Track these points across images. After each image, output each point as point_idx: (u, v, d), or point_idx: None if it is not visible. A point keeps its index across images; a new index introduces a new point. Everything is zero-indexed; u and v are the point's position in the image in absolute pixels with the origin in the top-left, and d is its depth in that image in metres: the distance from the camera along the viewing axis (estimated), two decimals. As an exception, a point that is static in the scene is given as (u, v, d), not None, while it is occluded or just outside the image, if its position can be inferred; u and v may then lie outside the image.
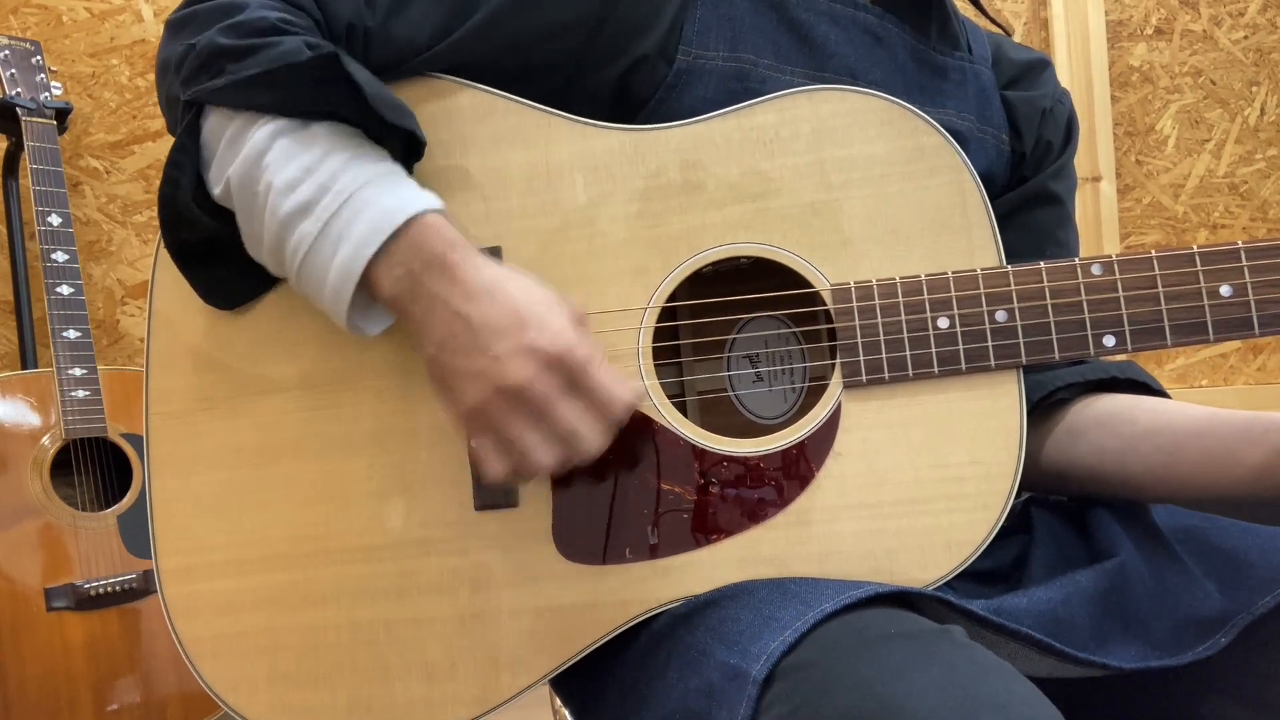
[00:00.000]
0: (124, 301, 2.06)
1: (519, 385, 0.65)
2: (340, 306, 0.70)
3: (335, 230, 0.69)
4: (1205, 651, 0.66)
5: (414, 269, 0.68)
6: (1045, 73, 0.95)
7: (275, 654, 0.76)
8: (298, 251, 0.70)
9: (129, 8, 2.05)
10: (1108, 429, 0.81)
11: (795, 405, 0.85)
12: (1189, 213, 2.24)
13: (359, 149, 0.72)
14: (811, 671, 0.57)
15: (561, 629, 0.73)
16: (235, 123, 0.73)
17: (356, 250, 0.68)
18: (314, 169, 0.70)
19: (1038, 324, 0.72)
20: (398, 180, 0.71)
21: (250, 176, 0.71)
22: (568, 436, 0.66)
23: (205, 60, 0.72)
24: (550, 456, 0.67)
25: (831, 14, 0.83)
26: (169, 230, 0.76)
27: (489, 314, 0.66)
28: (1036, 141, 0.91)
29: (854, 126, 0.75)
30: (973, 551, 0.71)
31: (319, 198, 0.69)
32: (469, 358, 0.66)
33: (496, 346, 0.65)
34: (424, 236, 0.68)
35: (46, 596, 1.62)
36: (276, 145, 0.71)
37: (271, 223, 0.70)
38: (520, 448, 0.67)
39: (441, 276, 0.68)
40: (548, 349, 0.65)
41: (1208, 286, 0.71)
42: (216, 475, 0.78)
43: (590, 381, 0.66)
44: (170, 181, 0.75)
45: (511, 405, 0.66)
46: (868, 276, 0.74)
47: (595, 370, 0.66)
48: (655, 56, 0.79)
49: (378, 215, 0.68)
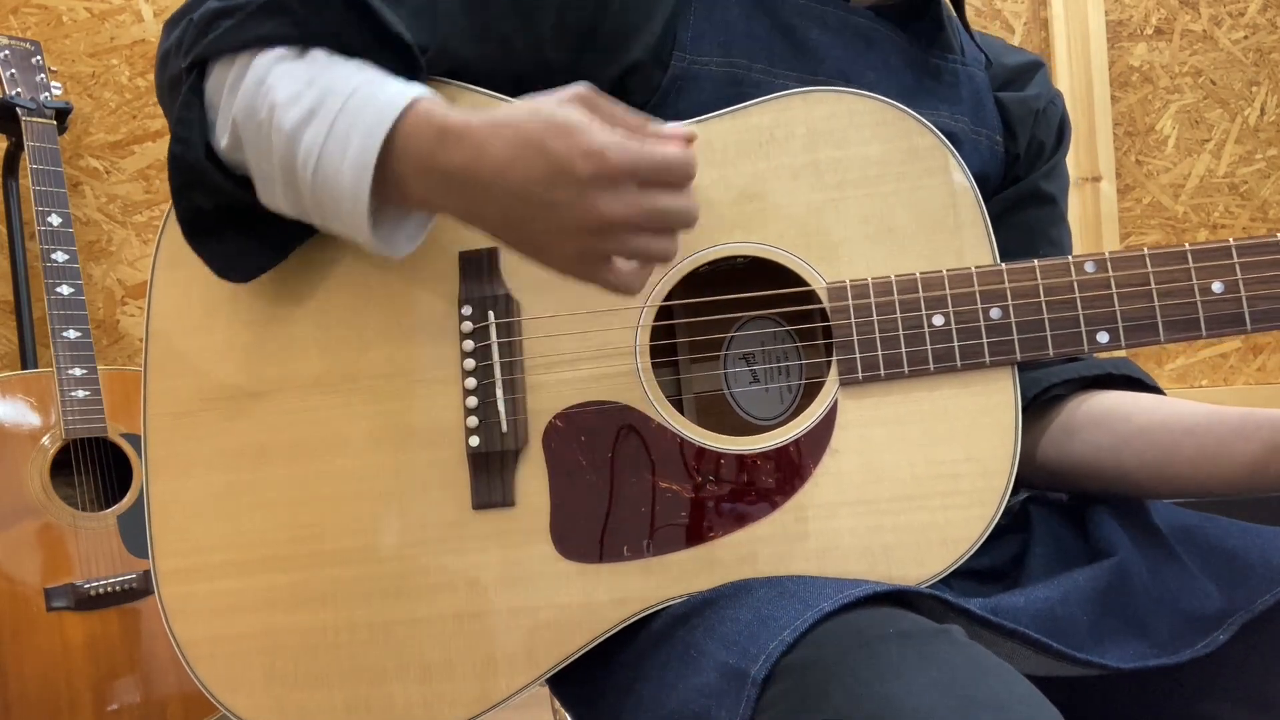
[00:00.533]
0: (124, 301, 2.06)
1: (601, 220, 0.63)
2: (359, 210, 0.68)
3: (342, 128, 0.67)
4: (1204, 649, 0.66)
5: (426, 160, 0.66)
6: (1038, 74, 0.95)
7: (273, 655, 0.76)
8: (308, 162, 0.68)
9: (129, 8, 2.05)
10: (1104, 426, 0.81)
11: (791, 405, 0.86)
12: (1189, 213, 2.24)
13: (360, 62, 0.72)
14: (810, 671, 0.57)
15: (560, 628, 0.73)
16: (235, 66, 0.72)
17: (365, 142, 0.66)
18: (315, 80, 0.69)
19: (1032, 321, 0.72)
20: (396, 78, 0.70)
21: (253, 106, 0.70)
22: (668, 220, 0.64)
23: (203, 25, 0.72)
24: (667, 243, 0.65)
25: (823, 18, 0.83)
26: (181, 195, 0.75)
27: (528, 175, 0.63)
28: (1029, 141, 0.92)
29: (849, 128, 0.76)
30: (969, 547, 0.72)
31: (322, 101, 0.68)
32: (539, 221, 0.64)
33: (557, 198, 0.63)
34: (420, 120, 0.66)
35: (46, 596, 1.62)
36: (276, 69, 0.70)
37: (279, 141, 0.69)
38: (641, 253, 0.65)
39: (453, 151, 0.65)
40: (600, 172, 0.62)
41: (1200, 283, 0.71)
42: (214, 477, 0.78)
43: (650, 168, 0.63)
44: (179, 140, 0.73)
45: (608, 233, 0.64)
46: (863, 276, 0.74)
47: (646, 156, 0.62)
48: (650, 62, 0.79)
49: (381, 105, 0.67)
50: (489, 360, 0.76)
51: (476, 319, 0.76)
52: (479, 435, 0.75)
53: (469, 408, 0.76)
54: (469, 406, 0.76)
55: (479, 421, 0.75)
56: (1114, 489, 0.81)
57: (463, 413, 0.76)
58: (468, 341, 0.76)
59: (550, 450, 0.75)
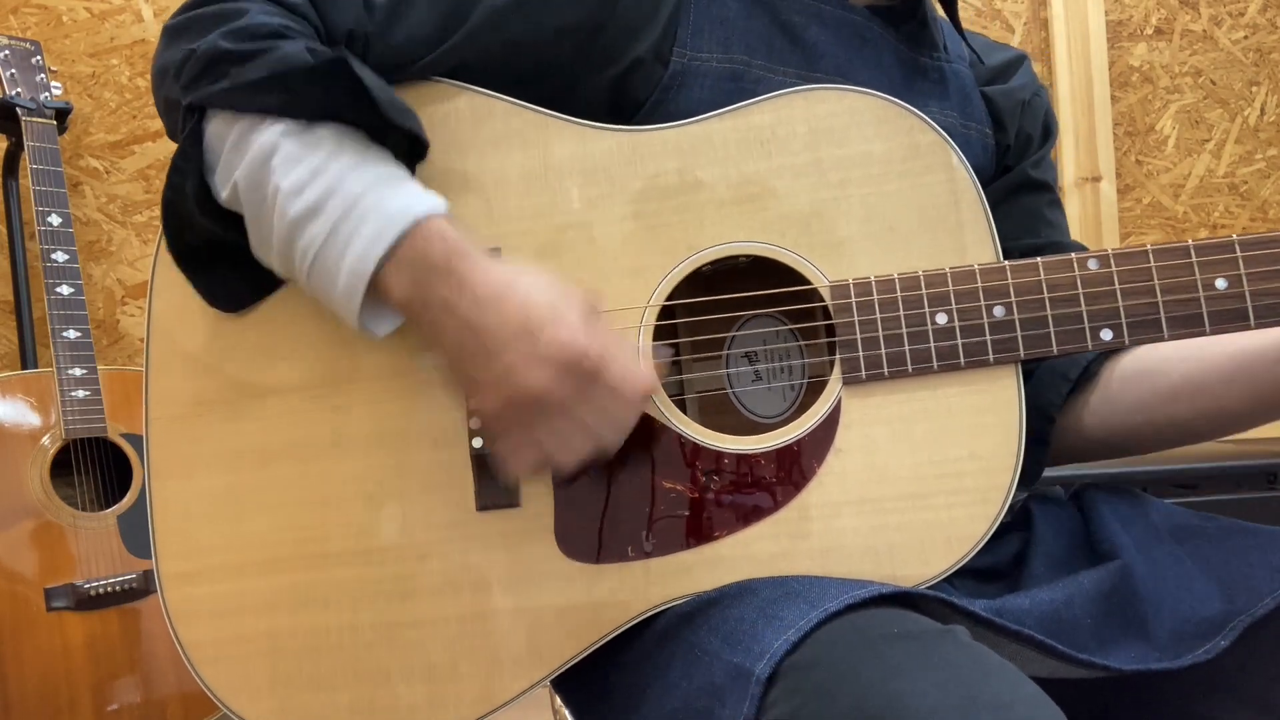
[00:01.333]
0: (124, 301, 2.06)
1: (536, 394, 0.65)
2: (352, 306, 0.70)
3: (344, 233, 0.69)
4: (1205, 655, 0.66)
5: (420, 275, 0.68)
6: (1022, 67, 0.96)
7: (277, 657, 0.76)
8: (307, 254, 0.70)
9: (129, 8, 2.05)
10: (1144, 385, 0.82)
11: (794, 404, 0.86)
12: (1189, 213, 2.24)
13: (364, 151, 0.72)
14: (815, 671, 0.57)
15: (564, 628, 0.73)
16: (239, 125, 0.73)
17: (365, 252, 0.68)
18: (321, 171, 0.70)
19: (1035, 318, 0.72)
20: (403, 182, 0.72)
21: (258, 180, 0.71)
22: (591, 435, 0.67)
23: (207, 64, 0.72)
24: (576, 454, 0.68)
25: (821, 15, 0.84)
26: (172, 235, 0.77)
27: (499, 322, 0.66)
28: (1017, 133, 0.93)
29: (850, 126, 0.76)
30: (973, 546, 0.72)
31: (326, 200, 0.69)
32: (484, 367, 0.67)
33: (509, 355, 0.66)
34: (429, 241, 0.68)
35: (46, 596, 1.62)
36: (282, 148, 0.71)
37: (280, 225, 0.71)
38: (546, 449, 0.68)
39: (448, 282, 0.68)
40: (560, 355, 0.65)
41: (1203, 279, 0.71)
42: (217, 478, 0.78)
43: (607, 379, 0.66)
44: (173, 187, 0.75)
45: (532, 411, 0.66)
46: (866, 274, 0.74)
47: (610, 367, 0.66)
48: (651, 59, 0.79)
49: (385, 217, 0.68)
50: None
51: None
52: (482, 436, 0.75)
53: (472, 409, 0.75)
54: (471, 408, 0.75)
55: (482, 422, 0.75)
56: (1175, 442, 0.83)
57: (465, 414, 0.76)
58: None
59: (554, 451, 0.75)
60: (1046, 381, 0.85)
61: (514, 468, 0.70)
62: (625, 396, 0.67)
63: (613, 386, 0.67)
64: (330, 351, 0.78)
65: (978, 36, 0.99)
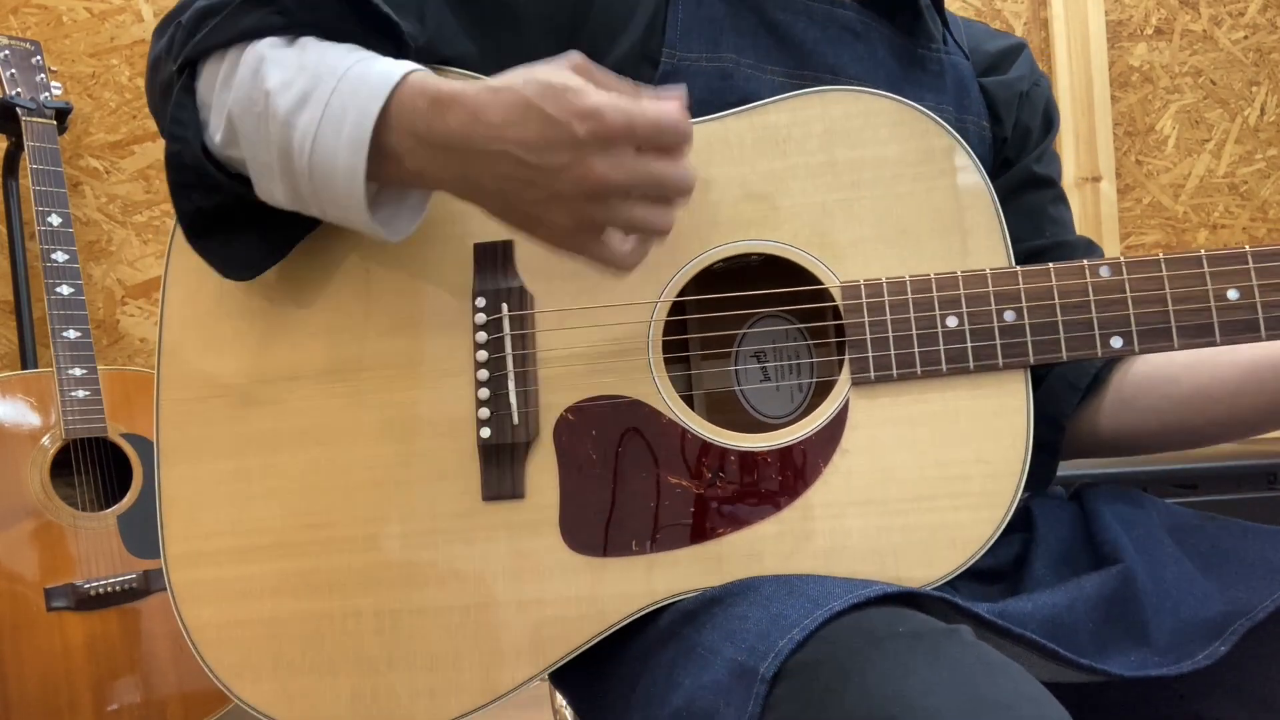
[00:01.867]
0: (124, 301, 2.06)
1: (598, 183, 0.63)
2: (356, 187, 0.68)
3: (336, 109, 0.67)
4: (1205, 660, 0.66)
5: (421, 129, 0.66)
6: (1020, 56, 0.96)
7: (280, 642, 0.76)
8: (304, 146, 0.68)
9: (129, 8, 2.05)
10: (1156, 392, 0.83)
11: (802, 404, 0.86)
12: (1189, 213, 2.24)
13: (349, 45, 0.72)
14: (820, 670, 0.58)
15: (567, 621, 0.74)
16: (225, 62, 0.72)
17: (360, 118, 0.66)
18: (306, 64, 0.69)
19: (1045, 324, 0.72)
20: (385, 58, 0.70)
21: (248, 96, 0.70)
22: (665, 186, 0.64)
23: (191, 26, 0.72)
24: (665, 213, 0.65)
25: (809, 12, 0.84)
26: (180, 194, 0.75)
27: (524, 137, 0.63)
28: (1015, 125, 0.92)
29: (865, 128, 0.76)
30: (978, 549, 0.72)
31: (315, 85, 0.68)
32: (534, 188, 0.64)
33: (553, 162, 0.63)
34: (414, 91, 0.67)
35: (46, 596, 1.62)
36: (267, 58, 0.70)
37: (275, 128, 0.69)
38: (637, 225, 0.65)
39: (448, 118, 0.65)
40: (595, 132, 0.62)
41: (1215, 289, 0.72)
42: (225, 463, 0.79)
43: (645, 128, 0.63)
44: (175, 139, 0.74)
45: (603, 201, 0.64)
46: (877, 275, 0.74)
47: (641, 115, 0.63)
48: (638, 59, 0.79)
49: (373, 82, 0.67)
50: (501, 352, 0.76)
51: (490, 311, 0.76)
52: (490, 427, 0.75)
53: (480, 399, 0.76)
54: (480, 398, 0.76)
55: (490, 413, 0.75)
56: (1185, 446, 0.85)
57: (474, 404, 0.76)
58: (480, 333, 0.76)
59: (561, 443, 0.75)
60: (1057, 390, 0.86)
61: (625, 262, 0.67)
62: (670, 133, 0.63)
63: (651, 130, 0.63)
64: (340, 340, 0.78)
65: (976, 24, 0.99)
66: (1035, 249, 0.91)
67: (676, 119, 0.63)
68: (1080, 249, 0.92)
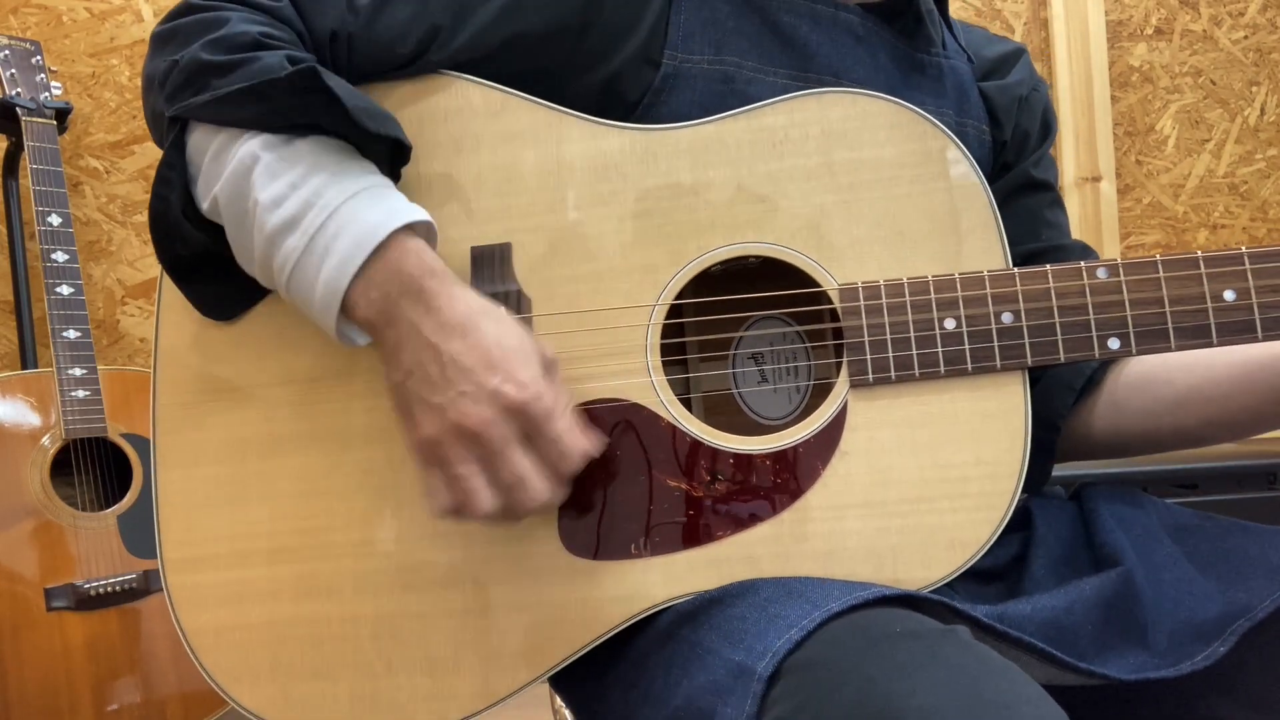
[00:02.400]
0: (124, 301, 2.06)
1: (475, 427, 0.65)
2: (329, 320, 0.71)
3: (320, 246, 0.69)
4: (1204, 661, 0.66)
5: (390, 293, 0.69)
6: (1020, 61, 0.96)
7: (278, 646, 0.76)
8: (285, 266, 0.71)
9: (129, 8, 2.05)
10: (1149, 394, 0.84)
11: (799, 406, 0.86)
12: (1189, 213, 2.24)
13: (343, 163, 0.73)
14: (817, 669, 0.58)
15: (565, 624, 0.74)
16: (219, 138, 0.73)
17: (341, 267, 0.69)
18: (299, 185, 0.70)
19: (1043, 325, 0.72)
20: (382, 194, 0.72)
21: (238, 193, 0.72)
22: (515, 485, 0.67)
23: (189, 76, 0.73)
24: (492, 502, 0.67)
25: (813, 15, 0.84)
26: (162, 247, 0.77)
27: (459, 351, 0.67)
28: (1014, 130, 0.93)
29: (863, 130, 0.76)
30: (977, 551, 0.72)
31: (304, 213, 0.70)
32: (433, 390, 0.67)
33: (461, 384, 0.66)
34: (403, 260, 0.69)
35: (46, 596, 1.62)
36: (261, 161, 0.71)
37: (259, 238, 0.71)
38: (465, 488, 0.67)
39: (417, 304, 0.68)
40: (511, 396, 0.65)
41: (1211, 290, 0.72)
42: (222, 467, 0.78)
43: (550, 433, 0.67)
44: (159, 199, 0.75)
45: (464, 445, 0.66)
46: (875, 277, 0.74)
47: (556, 423, 0.67)
48: (640, 61, 0.79)
49: (360, 233, 0.69)
50: None
51: None
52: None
53: None
54: None
55: None
56: (1180, 446, 0.85)
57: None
58: None
59: (560, 447, 0.75)
60: (1052, 392, 0.86)
61: (431, 502, 0.69)
62: (562, 453, 0.67)
63: (551, 441, 0.67)
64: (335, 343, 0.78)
65: (976, 29, 0.99)
66: (1031, 252, 0.91)
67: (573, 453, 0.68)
68: (1076, 253, 0.92)
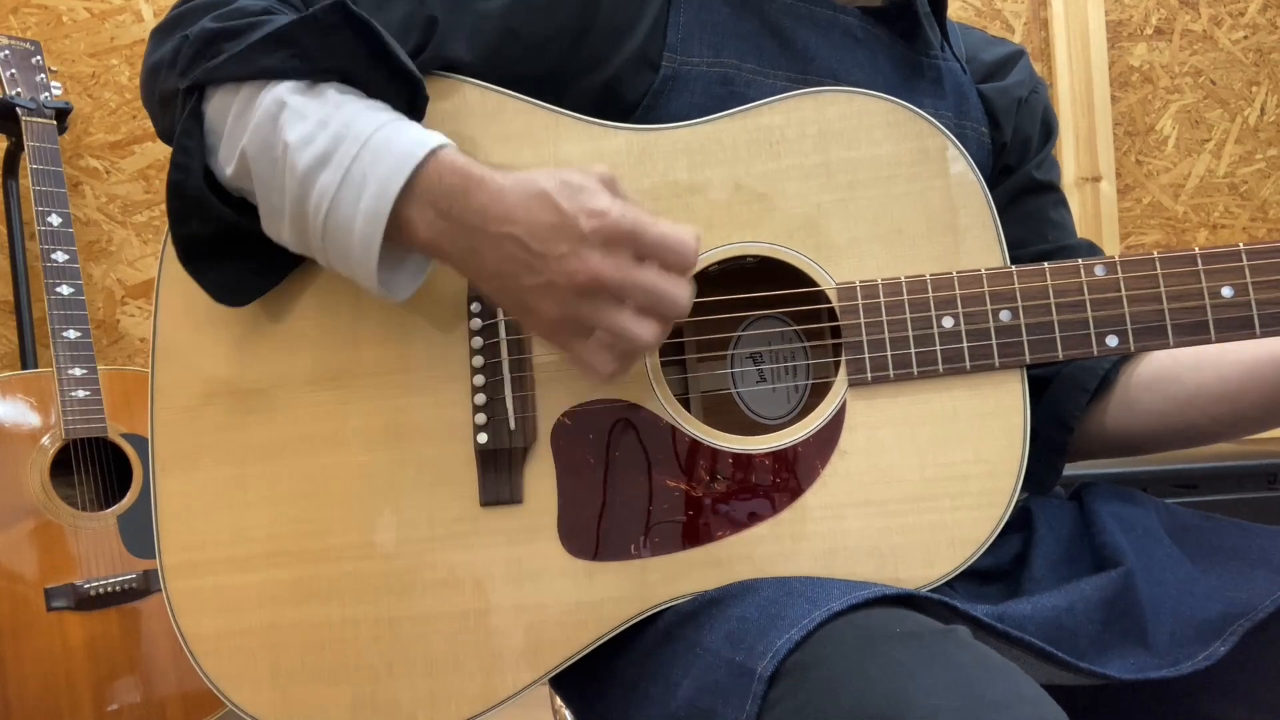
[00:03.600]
0: (124, 301, 2.06)
1: (591, 277, 0.63)
2: (370, 255, 0.69)
3: (357, 175, 0.68)
4: (1205, 661, 0.66)
5: (444, 203, 0.67)
6: (1019, 63, 0.96)
7: (279, 650, 0.76)
8: (320, 206, 0.69)
9: (129, 8, 2.05)
10: (1157, 392, 0.84)
11: (798, 406, 0.86)
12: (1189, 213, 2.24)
13: (369, 101, 0.72)
14: (818, 669, 0.58)
15: (566, 625, 0.74)
16: (241, 95, 0.72)
17: (382, 190, 0.67)
18: (328, 121, 0.69)
19: (1041, 323, 0.72)
20: (408, 125, 0.71)
21: (266, 142, 0.70)
22: (658, 300, 0.64)
23: (201, 46, 0.72)
24: (652, 328, 0.65)
25: (813, 17, 0.84)
26: (179, 222, 0.75)
27: (532, 222, 0.65)
28: (1015, 132, 0.93)
29: (859, 128, 0.76)
30: (977, 548, 0.72)
31: (336, 146, 0.68)
32: (531, 273, 0.65)
33: (553, 250, 0.64)
34: (445, 169, 0.67)
35: (46, 596, 1.62)
36: (288, 106, 0.70)
37: (291, 182, 0.69)
38: (620, 332, 0.65)
39: (473, 197, 0.66)
40: (600, 229, 0.63)
41: (1209, 287, 0.72)
42: (221, 471, 0.78)
43: (651, 238, 0.64)
44: (179, 168, 0.74)
45: (593, 299, 0.64)
46: (873, 276, 0.74)
47: (649, 226, 0.64)
48: (639, 63, 0.79)
49: (398, 154, 0.67)
50: (497, 357, 0.76)
51: (485, 316, 0.76)
52: (487, 432, 0.75)
53: (477, 404, 0.76)
54: (477, 403, 0.76)
55: (487, 418, 0.75)
56: (1192, 444, 0.86)
57: (471, 409, 0.76)
58: (476, 339, 0.76)
59: (558, 448, 0.75)
60: (1065, 393, 0.86)
61: (602, 368, 0.67)
62: (674, 249, 0.64)
63: (657, 243, 0.64)
64: (335, 346, 0.78)
65: (974, 31, 0.99)
66: (1038, 253, 0.91)
67: (684, 240, 0.64)
68: (1082, 251, 0.92)
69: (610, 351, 0.66)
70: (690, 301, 0.65)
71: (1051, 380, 0.87)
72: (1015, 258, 0.75)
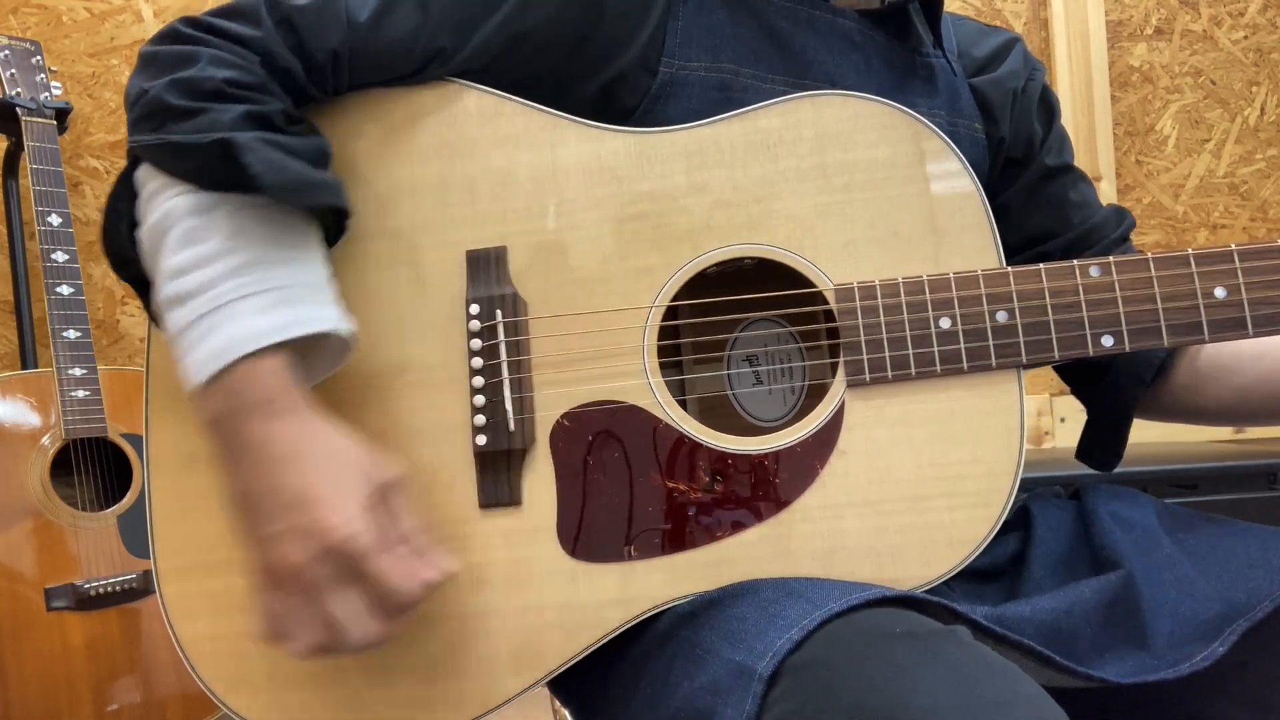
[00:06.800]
0: (124, 301, 2.06)
1: (289, 570, 0.64)
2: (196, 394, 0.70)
3: (196, 334, 0.68)
4: (1203, 663, 0.66)
5: (232, 410, 0.67)
6: (1012, 52, 0.95)
7: (275, 654, 0.76)
8: (168, 330, 0.71)
9: (129, 8, 2.05)
10: (1222, 382, 0.88)
11: (794, 408, 0.86)
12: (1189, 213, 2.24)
13: (264, 246, 0.71)
14: (817, 669, 0.58)
15: (565, 627, 0.74)
16: (155, 182, 0.73)
17: (199, 367, 0.68)
18: (202, 263, 0.70)
19: (1037, 324, 0.73)
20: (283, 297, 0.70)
21: (153, 246, 0.72)
22: (332, 626, 0.65)
23: (149, 112, 0.72)
24: (308, 642, 0.65)
25: (811, 22, 0.84)
26: (117, 266, 0.77)
27: (278, 487, 0.65)
28: (1014, 125, 0.92)
29: (856, 131, 0.76)
30: (975, 548, 0.72)
31: (193, 295, 0.69)
32: (255, 523, 0.67)
33: (278, 522, 0.65)
34: (247, 384, 0.68)
35: (46, 596, 1.62)
36: (179, 226, 0.71)
37: (159, 297, 0.71)
38: (279, 626, 0.66)
39: (251, 430, 0.67)
40: (323, 537, 0.64)
41: (1202, 287, 0.72)
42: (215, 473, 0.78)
43: (370, 572, 0.64)
44: (110, 227, 0.76)
45: (282, 584, 0.65)
46: (870, 278, 0.74)
47: (374, 562, 0.64)
48: (638, 68, 0.79)
49: (223, 341, 0.67)
50: (496, 359, 0.76)
51: (484, 318, 0.76)
52: (486, 434, 0.75)
53: (476, 406, 0.76)
54: (476, 405, 0.76)
55: (486, 420, 0.75)
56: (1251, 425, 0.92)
57: (469, 411, 0.76)
58: (475, 340, 0.76)
59: (557, 450, 0.75)
60: (1122, 383, 0.89)
61: (257, 630, 0.67)
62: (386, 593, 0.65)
63: (375, 579, 0.65)
64: None
65: (968, 22, 0.98)
66: (1068, 242, 0.92)
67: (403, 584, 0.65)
68: (1111, 223, 0.94)
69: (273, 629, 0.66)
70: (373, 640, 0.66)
71: (1109, 368, 0.89)
72: (1047, 252, 0.75)
